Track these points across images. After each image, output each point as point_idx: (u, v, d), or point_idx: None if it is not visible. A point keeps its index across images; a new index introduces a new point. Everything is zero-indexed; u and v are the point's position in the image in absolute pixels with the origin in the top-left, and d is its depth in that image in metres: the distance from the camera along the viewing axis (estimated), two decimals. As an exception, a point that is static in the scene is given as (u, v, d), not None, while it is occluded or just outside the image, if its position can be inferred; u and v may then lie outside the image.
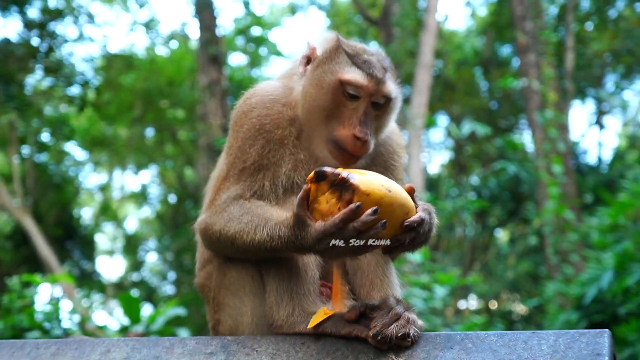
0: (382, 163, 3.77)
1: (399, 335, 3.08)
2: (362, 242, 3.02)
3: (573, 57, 22.30)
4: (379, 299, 3.29)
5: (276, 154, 3.56)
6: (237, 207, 3.41)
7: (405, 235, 3.09)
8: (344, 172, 3.02)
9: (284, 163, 3.55)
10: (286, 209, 3.37)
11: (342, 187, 3.00)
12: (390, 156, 3.83)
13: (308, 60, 3.70)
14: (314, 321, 3.26)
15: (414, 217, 3.09)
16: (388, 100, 3.57)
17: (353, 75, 3.50)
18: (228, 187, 3.54)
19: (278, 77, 3.92)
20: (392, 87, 3.58)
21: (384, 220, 2.98)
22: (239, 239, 3.32)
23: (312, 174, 3.05)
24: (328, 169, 3.03)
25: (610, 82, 28.38)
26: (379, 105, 3.55)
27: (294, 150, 3.59)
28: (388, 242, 3.08)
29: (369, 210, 2.96)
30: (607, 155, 27.71)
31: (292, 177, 3.55)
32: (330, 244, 3.04)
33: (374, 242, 3.05)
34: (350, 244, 3.02)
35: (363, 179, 3.02)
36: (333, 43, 3.65)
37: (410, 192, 3.14)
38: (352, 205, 2.96)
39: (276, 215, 3.29)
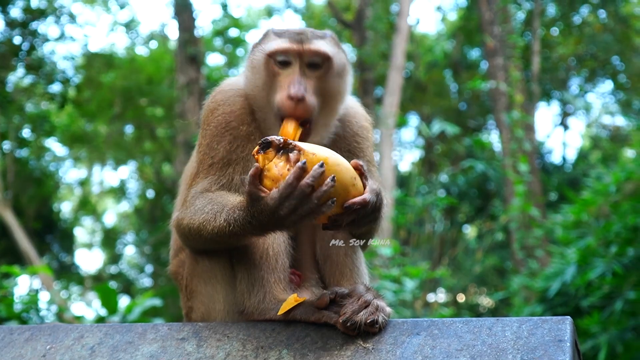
0: (344, 146, 3.67)
1: (368, 322, 3.04)
2: (315, 203, 2.88)
3: (539, 60, 22.45)
4: (349, 286, 3.24)
5: (244, 149, 3.51)
6: (202, 199, 3.35)
7: (344, 217, 2.98)
8: (292, 141, 2.97)
9: (249, 157, 3.50)
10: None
11: (288, 149, 2.94)
12: (353, 138, 3.73)
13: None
14: (284, 308, 3.23)
15: (357, 199, 2.96)
16: (326, 59, 3.48)
17: (276, 43, 3.48)
18: (197, 183, 3.49)
19: (239, 76, 3.85)
20: (321, 44, 3.50)
21: (333, 175, 2.88)
22: (204, 229, 3.24)
23: (256, 147, 2.98)
24: (271, 137, 2.96)
25: (574, 85, 28.63)
26: (317, 66, 3.48)
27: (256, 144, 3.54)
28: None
29: (316, 165, 2.87)
30: (571, 155, 28.04)
31: None
32: (289, 209, 2.90)
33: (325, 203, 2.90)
34: (305, 206, 2.89)
35: (310, 145, 2.98)
36: (265, 30, 3.67)
37: (356, 168, 3.02)
38: (299, 163, 2.87)
39: (232, 200, 3.21)
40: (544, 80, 26.28)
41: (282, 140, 2.95)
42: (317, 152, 2.93)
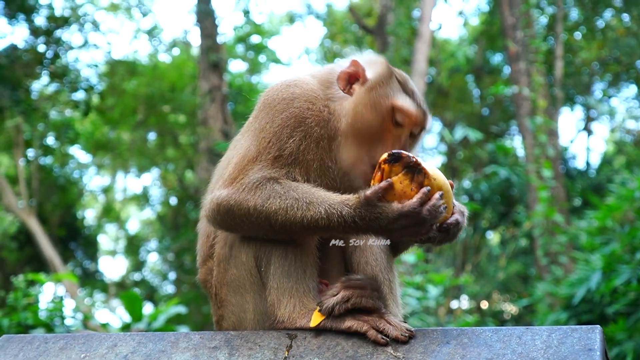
0: None
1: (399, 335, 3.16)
2: (427, 228, 3.16)
3: (562, 65, 22.34)
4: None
5: (310, 152, 3.52)
6: (279, 186, 3.36)
7: (438, 235, 3.27)
8: (417, 157, 3.17)
9: (314, 164, 3.52)
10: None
11: (415, 169, 3.14)
12: None
13: (350, 77, 3.68)
14: (315, 320, 3.28)
15: (452, 220, 3.27)
16: (421, 131, 3.66)
17: (405, 103, 3.56)
18: (260, 169, 3.45)
19: (310, 74, 3.83)
20: (430, 121, 3.71)
21: (446, 205, 3.16)
22: (283, 215, 3.28)
23: (385, 156, 3.18)
24: (403, 152, 3.16)
25: (598, 89, 28.46)
26: (414, 136, 3.63)
27: (324, 154, 3.56)
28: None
29: (437, 194, 3.13)
30: (595, 160, 27.83)
31: (317, 181, 3.51)
32: (401, 226, 3.13)
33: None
34: (416, 228, 3.14)
35: (428, 165, 3.19)
36: (385, 68, 3.67)
37: (451, 187, 3.29)
38: (424, 189, 3.11)
39: (332, 196, 3.29)
40: (567, 85, 26.14)
41: (413, 159, 3.14)
42: (437, 177, 3.17)
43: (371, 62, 3.70)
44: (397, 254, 3.84)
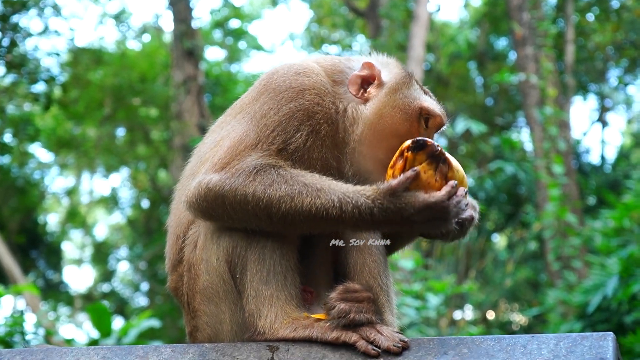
0: None
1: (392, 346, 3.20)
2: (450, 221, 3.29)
3: (573, 50, 22.42)
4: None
5: (315, 151, 3.58)
6: (283, 172, 3.39)
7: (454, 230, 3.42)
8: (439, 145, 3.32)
9: (317, 164, 3.58)
10: None
11: (440, 159, 3.28)
12: None
13: (364, 81, 3.77)
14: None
15: (466, 214, 3.43)
16: (437, 131, 3.85)
17: (431, 104, 3.76)
18: (261, 157, 3.46)
19: (316, 62, 3.88)
20: (446, 119, 3.88)
21: (467, 201, 3.36)
22: (288, 202, 3.30)
23: (408, 142, 3.32)
24: (428, 140, 3.30)
25: (613, 76, 28.54)
26: (431, 135, 3.79)
27: (328, 154, 3.63)
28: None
29: (462, 189, 3.28)
30: (611, 154, 27.90)
31: None
32: (424, 218, 3.24)
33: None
34: (440, 220, 3.26)
35: (450, 156, 3.35)
36: (403, 71, 3.86)
37: None
38: (452, 182, 3.25)
39: (345, 185, 3.37)
40: (579, 72, 26.23)
41: (438, 147, 3.29)
42: (459, 169, 3.34)
43: (384, 64, 3.86)
44: (391, 252, 3.88)
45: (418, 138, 3.32)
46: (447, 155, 3.33)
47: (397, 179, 3.25)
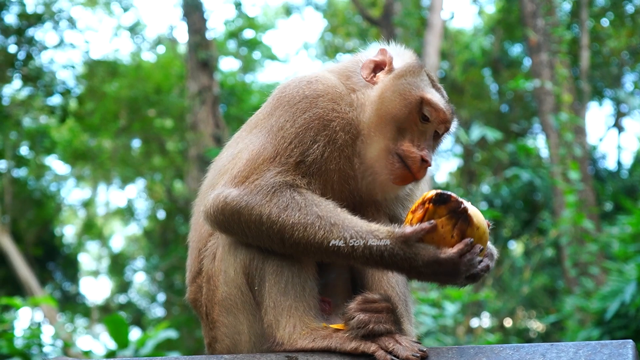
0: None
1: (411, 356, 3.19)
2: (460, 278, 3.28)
3: (588, 55, 22.34)
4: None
5: (333, 162, 3.57)
6: (300, 197, 3.39)
7: (465, 281, 3.38)
8: (464, 201, 3.26)
9: (335, 175, 3.58)
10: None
11: (461, 216, 3.22)
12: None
13: (376, 66, 3.78)
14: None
15: (483, 265, 3.36)
16: (446, 132, 3.78)
17: (435, 97, 3.69)
18: (279, 172, 3.46)
19: (327, 70, 3.90)
20: (455, 124, 3.85)
21: (481, 259, 3.31)
22: (301, 231, 3.31)
23: (431, 193, 3.26)
24: (453, 194, 3.25)
25: (628, 81, 28.44)
26: (437, 135, 3.76)
27: (346, 164, 3.62)
28: None
29: (477, 248, 3.23)
30: (627, 160, 27.74)
31: (335, 193, 3.58)
32: (432, 271, 3.23)
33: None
34: (449, 277, 3.27)
35: (473, 210, 3.28)
36: (414, 60, 3.82)
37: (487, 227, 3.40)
38: (467, 240, 3.21)
39: (360, 222, 3.34)
40: (595, 78, 26.15)
41: (462, 205, 3.23)
42: (480, 225, 3.26)
43: (400, 53, 3.85)
44: None
45: (443, 192, 3.27)
46: (471, 210, 3.27)
47: (412, 228, 3.23)
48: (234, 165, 3.59)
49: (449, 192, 3.26)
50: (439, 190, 3.29)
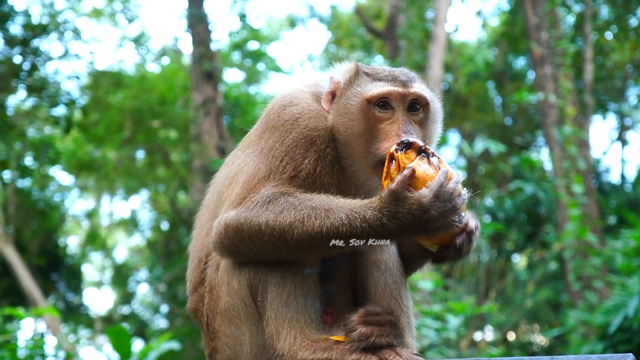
0: None
1: None
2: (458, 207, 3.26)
3: (592, 68, 22.37)
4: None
5: (327, 176, 3.60)
6: (293, 198, 3.42)
7: (454, 250, 3.40)
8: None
9: (331, 189, 3.58)
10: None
11: (428, 154, 3.30)
12: None
13: (333, 95, 3.80)
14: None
15: (472, 224, 3.44)
16: (425, 104, 3.72)
17: (376, 88, 3.67)
18: (274, 186, 3.51)
19: (304, 86, 3.97)
20: (422, 88, 3.75)
21: (465, 193, 3.32)
22: (299, 227, 3.32)
23: (393, 148, 3.32)
24: (410, 138, 3.34)
25: (632, 94, 28.46)
26: (417, 110, 3.70)
27: (340, 177, 3.65)
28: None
29: (455, 174, 3.29)
30: (631, 174, 27.74)
31: None
32: (438, 211, 3.21)
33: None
34: (450, 210, 3.23)
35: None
36: (349, 71, 3.82)
37: None
38: (444, 168, 3.27)
39: (353, 201, 3.36)
40: (599, 91, 26.18)
41: (422, 144, 3.33)
42: (449, 167, 3.33)
43: (344, 72, 3.85)
44: (410, 272, 3.87)
45: (402, 139, 3.35)
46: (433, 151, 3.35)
47: (395, 181, 3.24)
48: (232, 190, 3.68)
49: (407, 138, 3.36)
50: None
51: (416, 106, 3.69)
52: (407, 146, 3.29)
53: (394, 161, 3.29)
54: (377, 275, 3.69)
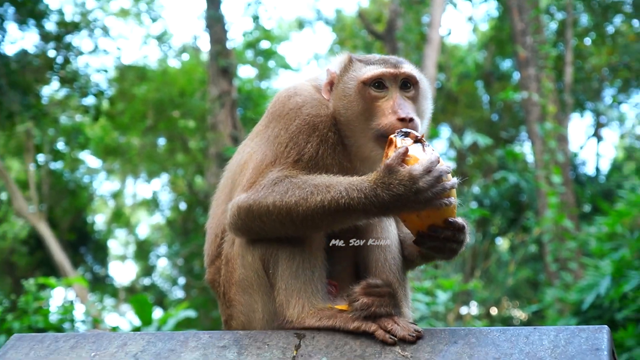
0: None
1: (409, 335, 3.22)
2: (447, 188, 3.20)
3: (572, 71, 22.32)
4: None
5: (329, 157, 3.60)
6: (297, 179, 3.42)
7: (444, 230, 3.30)
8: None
9: (334, 168, 3.58)
10: None
11: (423, 143, 3.29)
12: None
13: (331, 85, 3.80)
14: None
15: (459, 220, 3.33)
16: (415, 82, 3.71)
17: (369, 71, 3.67)
18: (280, 170, 3.52)
19: (306, 80, 3.97)
20: (411, 68, 3.75)
21: (455, 179, 3.28)
22: (303, 204, 3.32)
23: (393, 135, 3.33)
24: (407, 130, 3.35)
25: (608, 95, 28.41)
26: (408, 88, 3.70)
27: (342, 158, 3.65)
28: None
29: (446, 165, 3.25)
30: (605, 166, 27.73)
31: None
32: (427, 184, 3.17)
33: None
34: (439, 187, 3.18)
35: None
36: (343, 60, 3.82)
37: None
38: (435, 152, 3.26)
39: (349, 178, 3.36)
40: (577, 91, 26.11)
41: (419, 135, 3.33)
42: (440, 158, 3.31)
43: (338, 63, 3.85)
44: (412, 266, 3.88)
45: (400, 129, 3.35)
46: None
47: (390, 157, 3.24)
48: (244, 176, 3.70)
49: (406, 129, 3.36)
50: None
51: (407, 85, 3.68)
52: (404, 135, 3.31)
53: (392, 146, 3.30)
54: (377, 252, 3.71)
